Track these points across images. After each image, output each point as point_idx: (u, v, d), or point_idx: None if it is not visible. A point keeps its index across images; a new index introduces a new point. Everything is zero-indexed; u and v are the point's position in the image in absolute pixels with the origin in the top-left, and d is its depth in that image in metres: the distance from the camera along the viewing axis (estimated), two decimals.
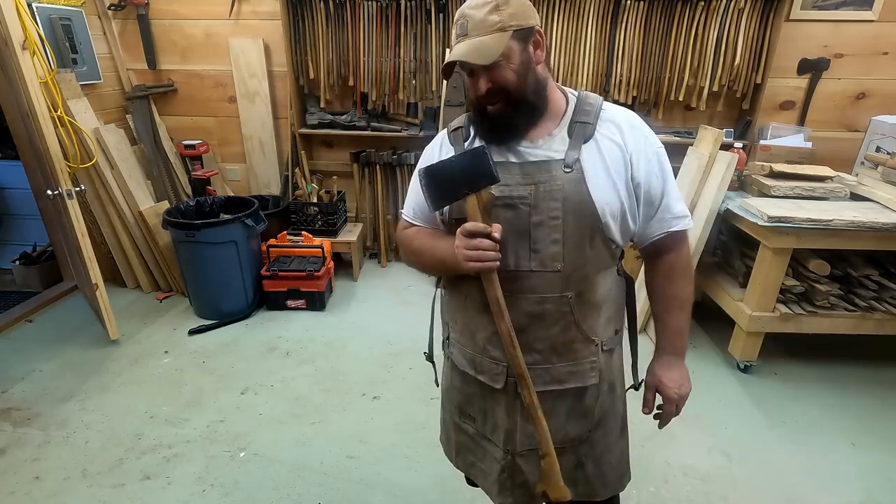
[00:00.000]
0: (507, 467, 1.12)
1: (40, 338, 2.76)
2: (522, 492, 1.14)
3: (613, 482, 1.16)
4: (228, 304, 2.95)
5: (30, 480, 1.86)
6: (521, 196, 0.95)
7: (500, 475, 1.14)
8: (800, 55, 2.98)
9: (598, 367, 1.06)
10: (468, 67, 0.94)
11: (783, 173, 2.52)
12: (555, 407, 1.07)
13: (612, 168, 0.95)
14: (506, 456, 1.12)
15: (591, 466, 1.12)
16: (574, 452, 1.11)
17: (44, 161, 2.39)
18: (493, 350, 1.05)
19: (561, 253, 0.95)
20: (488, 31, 0.89)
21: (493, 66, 0.91)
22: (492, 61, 0.89)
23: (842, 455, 2.03)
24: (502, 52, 0.90)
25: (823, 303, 2.36)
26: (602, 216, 0.94)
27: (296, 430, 2.13)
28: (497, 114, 0.95)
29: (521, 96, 0.94)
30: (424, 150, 1.14)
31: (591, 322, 1.02)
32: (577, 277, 0.98)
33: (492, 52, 0.89)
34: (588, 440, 1.10)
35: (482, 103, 0.96)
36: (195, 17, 3.26)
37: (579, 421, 1.09)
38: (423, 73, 3.21)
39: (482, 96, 0.95)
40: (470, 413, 1.17)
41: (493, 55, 0.89)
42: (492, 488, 1.18)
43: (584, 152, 0.95)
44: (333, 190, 3.48)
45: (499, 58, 0.90)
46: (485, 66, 0.91)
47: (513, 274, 0.98)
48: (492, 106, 0.95)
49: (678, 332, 1.12)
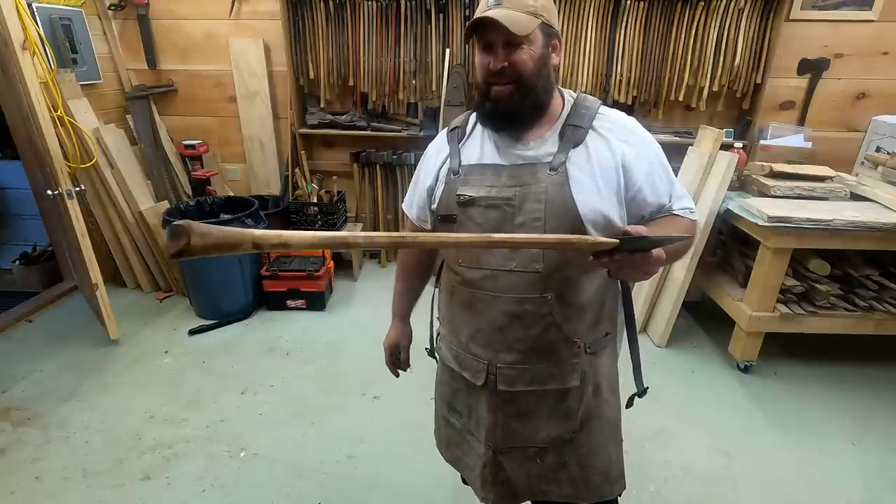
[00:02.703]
0: (488, 463, 1.13)
1: (40, 338, 2.76)
2: (503, 489, 1.15)
3: (599, 486, 1.13)
4: (228, 304, 2.95)
5: (30, 480, 1.86)
6: (506, 197, 0.96)
7: (482, 470, 1.15)
8: (800, 55, 2.97)
9: (581, 370, 1.05)
10: (489, 39, 0.92)
11: (783, 173, 2.52)
12: (536, 406, 1.07)
13: (599, 174, 0.94)
14: (487, 452, 1.12)
15: (574, 468, 1.11)
16: (557, 453, 1.10)
17: (44, 161, 2.39)
18: (475, 347, 1.07)
19: (541, 254, 0.96)
20: (522, 9, 0.90)
21: (515, 45, 0.91)
22: (523, 34, 0.89)
23: (842, 455, 2.03)
24: (528, 36, 0.90)
25: (823, 303, 2.36)
26: (584, 220, 0.93)
27: (296, 430, 2.13)
28: (502, 96, 0.94)
29: (531, 86, 0.94)
30: (426, 151, 1.15)
31: (573, 324, 1.02)
32: (557, 279, 0.98)
33: (524, 26, 0.89)
34: (572, 441, 1.10)
35: (489, 83, 0.95)
36: (195, 17, 3.26)
37: (562, 422, 1.08)
38: (423, 73, 3.20)
39: (494, 73, 0.93)
40: (457, 408, 1.19)
41: (525, 30, 0.89)
42: (476, 483, 1.19)
43: (573, 156, 0.95)
44: (333, 190, 3.48)
45: (524, 39, 0.90)
46: (508, 41, 0.91)
47: (493, 273, 0.99)
48: (498, 87, 0.94)
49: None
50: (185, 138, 3.42)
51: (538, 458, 1.11)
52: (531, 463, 1.12)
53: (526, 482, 1.14)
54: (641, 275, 0.85)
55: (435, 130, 3.27)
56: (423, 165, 1.13)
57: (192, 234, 0.57)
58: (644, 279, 0.88)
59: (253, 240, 0.60)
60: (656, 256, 0.82)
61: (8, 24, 2.10)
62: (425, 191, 1.10)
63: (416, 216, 1.16)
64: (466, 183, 0.99)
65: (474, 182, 0.99)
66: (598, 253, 0.82)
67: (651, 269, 0.83)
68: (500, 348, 1.03)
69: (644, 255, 0.81)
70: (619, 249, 0.81)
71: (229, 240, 0.59)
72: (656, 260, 0.82)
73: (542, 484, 1.13)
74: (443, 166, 1.06)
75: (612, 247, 0.81)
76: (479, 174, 0.99)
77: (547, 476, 1.12)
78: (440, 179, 1.06)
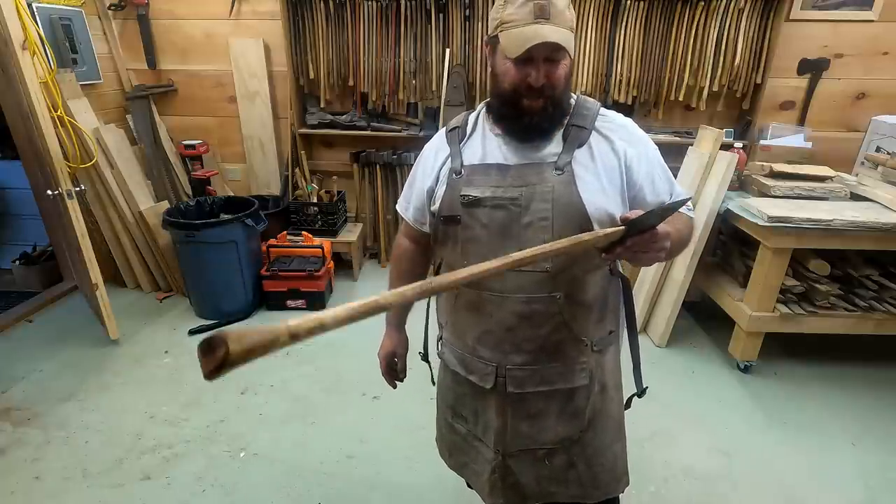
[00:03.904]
0: (497, 468, 1.12)
1: (40, 338, 2.76)
2: (513, 492, 1.14)
3: (607, 484, 1.14)
4: (228, 304, 2.95)
5: (30, 480, 1.86)
6: (513, 197, 0.96)
7: (490, 475, 1.14)
8: (800, 55, 2.97)
9: (589, 369, 1.06)
10: (532, 53, 0.88)
11: (783, 173, 2.52)
12: (545, 407, 1.07)
13: (604, 173, 0.96)
14: (496, 456, 1.12)
15: (582, 467, 1.11)
16: (566, 453, 1.10)
17: (44, 161, 2.39)
18: (483, 350, 1.06)
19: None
20: (566, 25, 0.89)
21: (554, 62, 0.91)
22: (570, 51, 0.89)
23: (842, 455, 2.03)
24: (566, 52, 0.90)
25: (823, 303, 2.36)
26: (591, 218, 0.94)
27: (296, 430, 2.13)
28: (537, 111, 0.93)
29: (560, 99, 0.95)
30: (422, 152, 1.14)
31: (581, 322, 1.02)
32: (565, 278, 0.98)
33: (571, 45, 0.89)
34: (580, 441, 1.10)
35: (521, 94, 0.93)
36: (195, 17, 3.26)
37: (570, 421, 1.08)
38: (423, 73, 3.20)
39: (531, 88, 0.91)
40: (462, 413, 1.18)
41: (572, 49, 0.89)
42: (483, 489, 1.18)
43: (577, 156, 0.96)
44: (333, 190, 3.48)
45: (562, 55, 0.90)
46: (547, 58, 0.90)
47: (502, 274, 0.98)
48: (531, 101, 0.93)
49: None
50: (185, 138, 3.42)
51: (547, 460, 1.11)
52: (540, 465, 1.12)
53: (535, 485, 1.13)
54: (654, 254, 0.87)
55: (435, 130, 3.23)
56: (419, 166, 1.13)
57: (229, 341, 0.51)
58: (658, 259, 0.89)
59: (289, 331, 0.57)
60: (663, 232, 0.84)
61: (8, 24, 2.10)
62: (424, 192, 1.09)
63: (412, 218, 1.16)
64: (470, 183, 0.99)
65: (478, 182, 0.98)
66: (609, 246, 0.84)
67: (662, 244, 0.85)
68: (509, 350, 1.03)
69: (652, 233, 0.83)
70: (628, 235, 0.83)
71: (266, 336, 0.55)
72: (664, 236, 0.85)
73: (550, 486, 1.13)
74: (443, 167, 1.05)
75: (622, 235, 0.83)
76: (482, 174, 0.99)
77: (556, 477, 1.12)
78: (441, 180, 1.05)
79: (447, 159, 1.05)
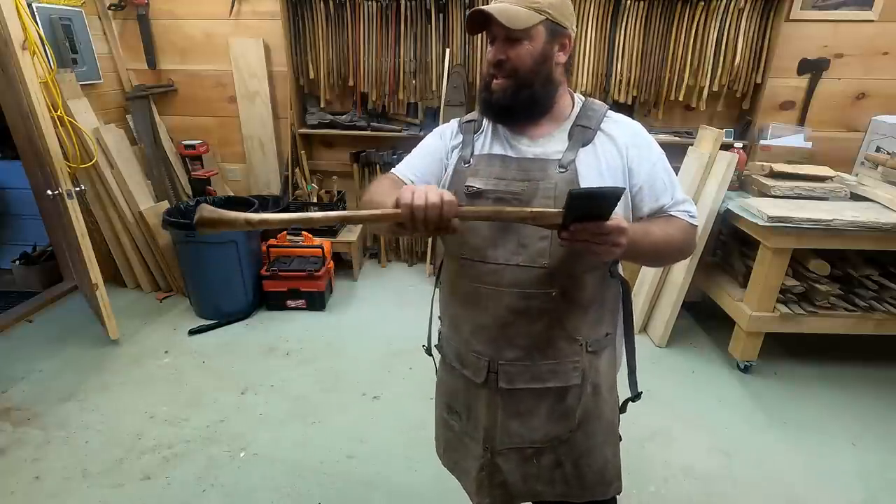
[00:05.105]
0: (485, 465, 1.12)
1: (40, 338, 2.76)
2: (501, 492, 1.13)
3: (593, 485, 1.12)
4: (228, 304, 2.95)
5: (30, 480, 1.86)
6: (515, 192, 0.97)
7: (478, 473, 1.13)
8: (800, 55, 2.97)
9: (582, 368, 1.05)
10: (493, 32, 0.95)
11: (783, 173, 2.52)
12: (535, 405, 1.07)
13: (607, 173, 0.97)
14: (485, 454, 1.12)
15: (569, 467, 1.11)
16: (553, 452, 1.10)
17: (44, 161, 2.39)
18: (477, 343, 1.06)
19: (548, 249, 0.96)
20: (525, 4, 0.91)
21: (514, 40, 0.93)
22: (514, 28, 0.91)
23: (842, 455, 2.03)
24: (528, 31, 0.92)
25: (823, 303, 2.36)
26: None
27: (296, 430, 2.13)
28: (499, 89, 0.97)
29: (527, 82, 0.96)
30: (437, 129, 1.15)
31: (575, 321, 1.02)
32: (562, 275, 0.98)
33: (519, 21, 0.91)
34: (568, 441, 1.09)
35: (491, 74, 0.98)
36: (195, 17, 3.26)
37: (560, 421, 1.08)
38: (423, 73, 3.20)
39: (492, 65, 0.97)
40: (456, 409, 1.18)
41: (519, 25, 0.91)
42: (471, 488, 1.18)
43: (581, 155, 0.97)
44: (333, 190, 3.48)
45: (522, 34, 0.92)
46: (507, 37, 0.93)
47: (500, 267, 0.99)
48: (497, 80, 0.97)
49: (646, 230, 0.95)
50: (185, 138, 3.42)
51: (535, 459, 1.11)
52: (528, 464, 1.11)
53: (522, 484, 1.13)
54: (606, 248, 0.81)
55: None
56: (432, 138, 1.13)
57: (204, 210, 0.83)
58: (613, 255, 0.84)
59: (245, 220, 0.84)
60: (614, 227, 0.79)
61: (8, 24, 2.10)
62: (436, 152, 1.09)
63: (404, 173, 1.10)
64: (476, 174, 1.01)
65: (483, 173, 1.00)
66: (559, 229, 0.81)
67: (612, 238, 0.80)
68: (502, 344, 1.03)
69: (598, 224, 0.78)
70: (567, 218, 0.78)
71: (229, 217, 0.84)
72: (615, 230, 0.79)
73: (537, 485, 1.13)
74: (455, 149, 1.07)
75: (559, 219, 0.79)
76: (487, 164, 1.01)
77: (543, 477, 1.12)
78: (450, 164, 1.07)
79: (460, 145, 1.07)
